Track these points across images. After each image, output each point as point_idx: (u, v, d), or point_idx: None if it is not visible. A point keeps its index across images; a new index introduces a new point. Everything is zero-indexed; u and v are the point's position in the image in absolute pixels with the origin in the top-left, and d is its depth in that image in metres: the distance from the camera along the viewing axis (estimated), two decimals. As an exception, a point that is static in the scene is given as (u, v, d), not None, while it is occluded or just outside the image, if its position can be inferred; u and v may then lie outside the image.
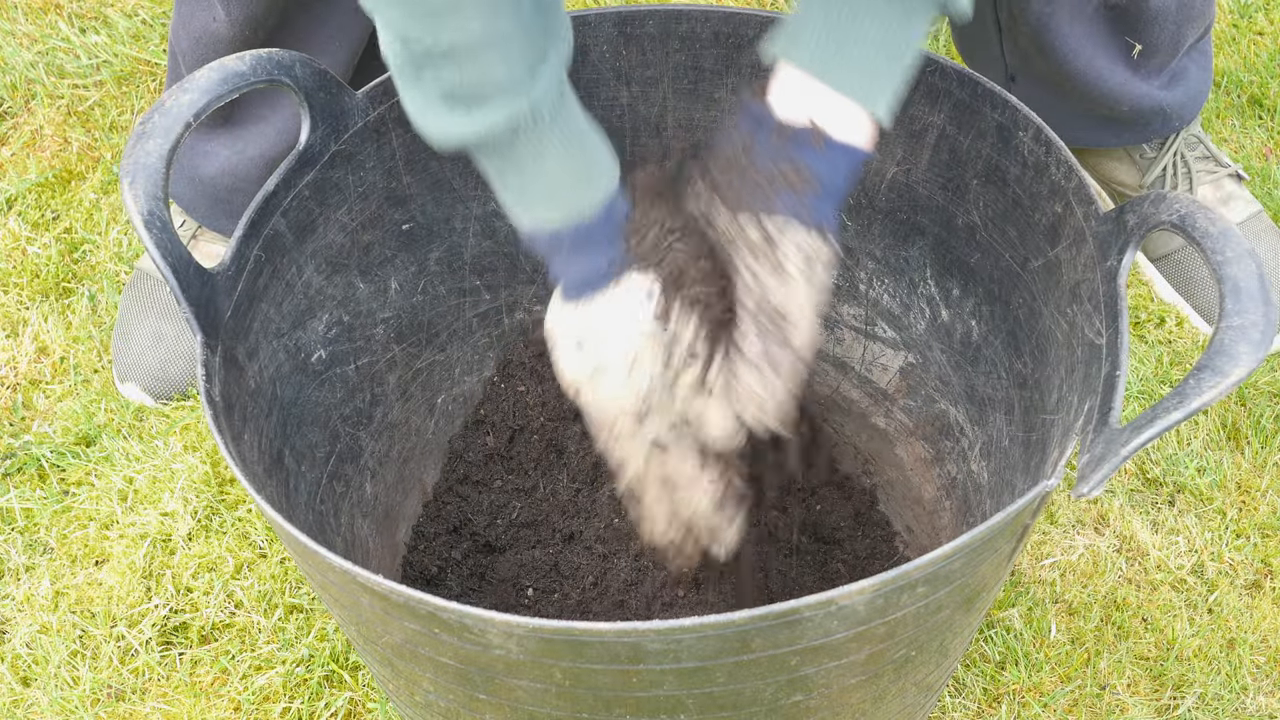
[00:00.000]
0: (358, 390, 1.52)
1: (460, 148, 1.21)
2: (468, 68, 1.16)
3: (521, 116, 1.18)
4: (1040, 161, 1.35)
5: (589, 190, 1.26)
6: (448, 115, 1.19)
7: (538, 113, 1.19)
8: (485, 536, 1.66)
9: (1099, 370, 1.17)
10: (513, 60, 1.17)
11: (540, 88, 1.18)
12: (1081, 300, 1.26)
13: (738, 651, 1.03)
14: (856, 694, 1.18)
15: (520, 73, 1.17)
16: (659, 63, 1.55)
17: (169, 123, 1.23)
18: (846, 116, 1.23)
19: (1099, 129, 1.97)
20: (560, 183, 1.24)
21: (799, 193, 1.24)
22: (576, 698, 1.10)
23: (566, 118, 1.23)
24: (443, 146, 1.21)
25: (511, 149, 1.21)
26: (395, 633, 1.11)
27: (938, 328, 1.54)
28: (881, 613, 1.05)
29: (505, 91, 1.17)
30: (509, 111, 1.18)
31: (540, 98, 1.19)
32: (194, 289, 1.23)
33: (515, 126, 1.19)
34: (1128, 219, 1.20)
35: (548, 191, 1.24)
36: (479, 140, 1.20)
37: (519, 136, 1.20)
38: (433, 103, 1.19)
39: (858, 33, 1.22)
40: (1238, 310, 1.07)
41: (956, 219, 1.47)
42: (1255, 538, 1.76)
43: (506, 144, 1.21)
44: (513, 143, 1.21)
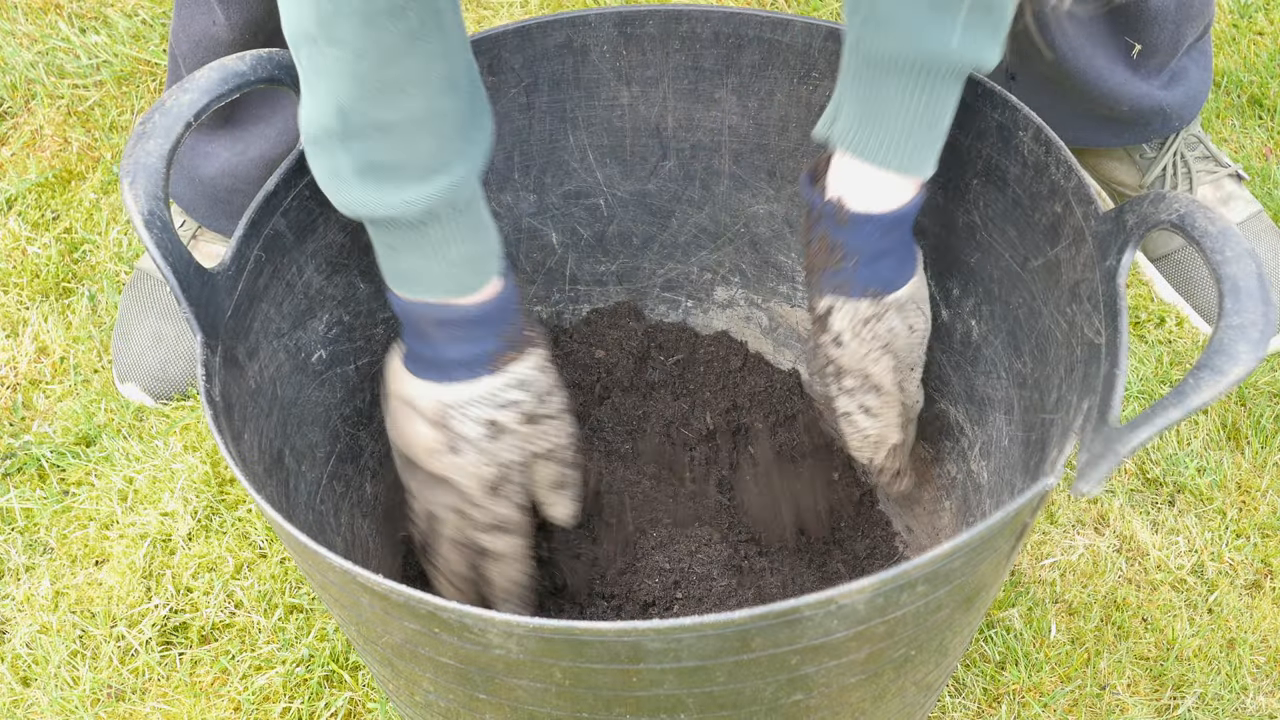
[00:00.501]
0: (358, 390, 1.52)
1: (365, 220, 1.25)
2: (401, 144, 1.19)
3: (440, 199, 1.22)
4: (1040, 161, 1.35)
5: (484, 277, 1.31)
6: (361, 189, 1.22)
7: (456, 198, 1.23)
8: None
9: (1098, 369, 1.17)
10: (444, 141, 1.21)
11: (463, 173, 1.23)
12: (1081, 300, 1.26)
13: (738, 650, 1.03)
14: (856, 693, 1.18)
15: (446, 154, 1.21)
16: (659, 63, 1.55)
17: (169, 122, 1.23)
18: (876, 187, 1.32)
19: (1099, 129, 1.97)
20: (458, 267, 1.28)
21: (833, 266, 1.36)
22: (577, 697, 1.10)
23: (477, 205, 1.27)
24: (349, 215, 1.24)
25: (421, 229, 1.24)
26: (395, 632, 1.11)
27: (938, 328, 1.54)
28: (881, 611, 1.05)
29: (430, 171, 1.21)
30: (429, 192, 1.21)
31: (461, 183, 1.23)
32: (194, 289, 1.23)
33: (431, 208, 1.22)
34: (1127, 218, 1.20)
35: (443, 274, 1.28)
36: (390, 216, 1.23)
37: (432, 218, 1.23)
38: (348, 175, 1.21)
39: (891, 109, 1.28)
40: (1237, 309, 1.07)
41: (956, 219, 1.47)
42: (1255, 538, 1.76)
43: (417, 223, 1.24)
44: (424, 223, 1.24)
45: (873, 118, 1.30)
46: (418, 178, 1.21)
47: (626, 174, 1.62)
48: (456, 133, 1.22)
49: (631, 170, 1.61)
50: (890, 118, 1.29)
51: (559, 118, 1.58)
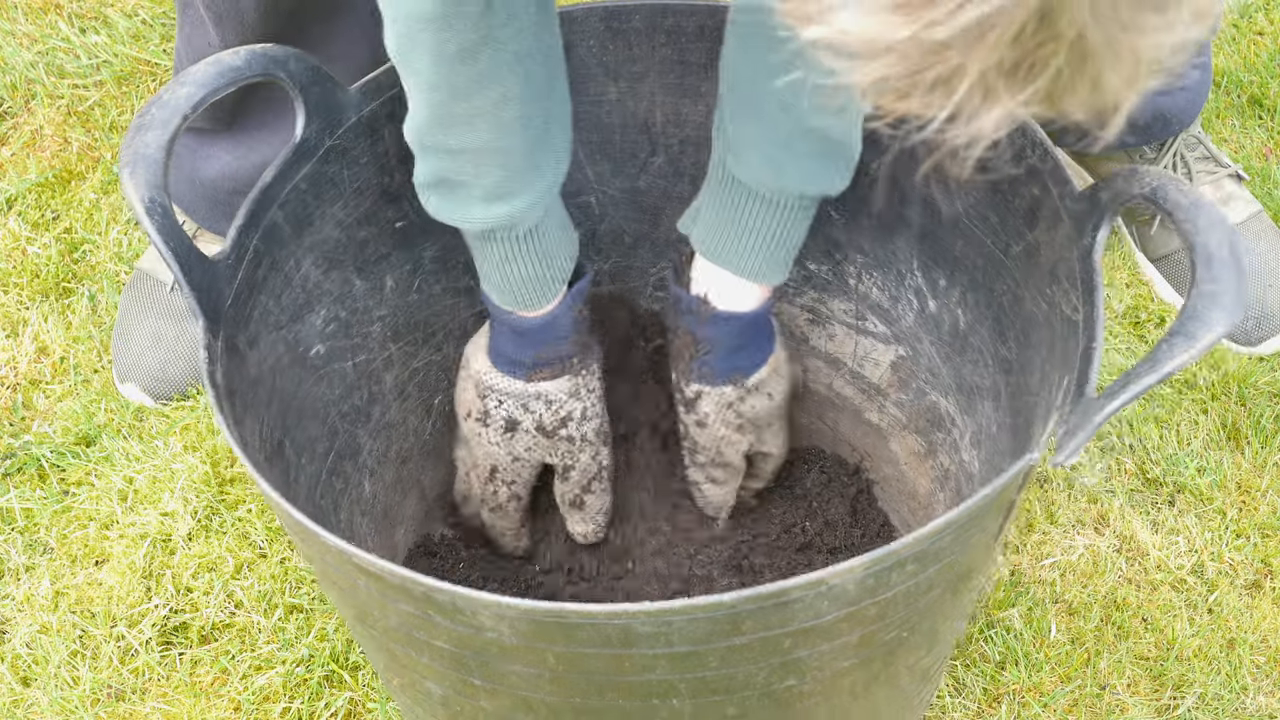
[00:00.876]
0: (355, 388, 1.53)
1: (450, 225, 1.35)
2: (466, 169, 1.28)
3: (501, 223, 1.32)
4: (1016, 146, 1.35)
5: (538, 299, 1.41)
6: (436, 197, 1.32)
7: (517, 225, 1.33)
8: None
9: (1076, 345, 1.18)
10: (507, 172, 1.29)
11: (527, 201, 1.31)
12: (1059, 279, 1.26)
13: (729, 634, 1.03)
14: (849, 677, 1.18)
15: (511, 184, 1.30)
16: (646, 57, 1.55)
17: (167, 115, 1.24)
18: (733, 290, 1.44)
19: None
20: (516, 285, 1.39)
21: (699, 356, 1.49)
22: (570, 682, 1.10)
23: (543, 233, 1.36)
24: (438, 218, 1.35)
25: (485, 243, 1.35)
26: (392, 616, 1.11)
27: (926, 319, 1.54)
28: (872, 592, 1.05)
29: (493, 196, 1.30)
30: (491, 215, 1.31)
31: (524, 211, 1.32)
32: (196, 275, 1.24)
33: (493, 230, 1.33)
34: (1101, 195, 1.20)
35: (503, 286, 1.40)
36: (459, 227, 1.34)
37: (494, 237, 1.34)
38: (429, 180, 1.31)
39: (745, 228, 1.39)
40: (1210, 278, 1.07)
41: (941, 209, 1.47)
42: (1255, 538, 1.76)
43: (482, 238, 1.35)
44: (488, 239, 1.34)
45: (728, 231, 1.40)
46: (481, 201, 1.30)
47: (617, 171, 1.63)
48: (524, 166, 1.29)
49: (621, 167, 1.61)
50: (744, 234, 1.39)
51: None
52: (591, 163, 1.61)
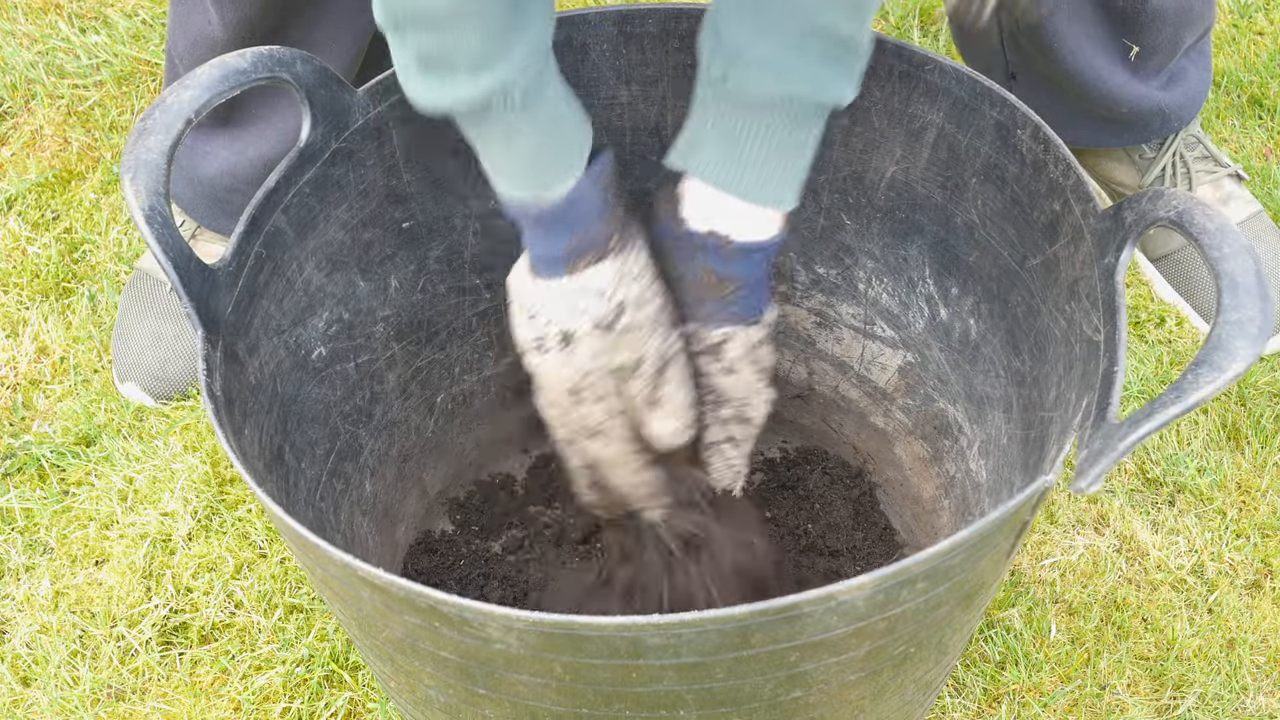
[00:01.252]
0: (357, 388, 1.52)
1: (438, 113, 1.23)
2: (441, 36, 1.17)
3: (492, 94, 1.20)
4: (1039, 159, 1.35)
5: (554, 175, 1.28)
6: (423, 81, 1.21)
7: (509, 92, 1.21)
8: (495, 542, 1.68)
9: (1097, 366, 1.17)
10: (486, 34, 1.17)
11: (514, 66, 1.20)
12: (1079, 297, 1.26)
13: (737, 647, 1.03)
14: (856, 690, 1.18)
15: (493, 48, 1.18)
16: (659, 61, 1.54)
17: (170, 119, 1.23)
18: (753, 220, 1.31)
19: (1098, 129, 1.97)
20: (526, 163, 1.27)
21: (726, 298, 1.35)
22: (577, 693, 1.10)
23: (540, 101, 1.25)
24: (423, 110, 1.23)
25: (482, 123, 1.23)
26: (396, 627, 1.11)
27: (936, 326, 1.54)
28: (881, 608, 1.05)
29: (477, 66, 1.18)
30: (479, 87, 1.19)
31: (513, 77, 1.20)
32: (195, 284, 1.23)
33: (486, 103, 1.20)
34: (1125, 216, 1.20)
35: (514, 169, 1.27)
36: (451, 109, 1.22)
37: (490, 113, 1.22)
38: (411, 67, 1.20)
39: (754, 142, 1.28)
40: (1235, 305, 1.07)
41: (955, 217, 1.47)
42: (1255, 538, 1.76)
43: (478, 118, 1.22)
44: (484, 117, 1.22)
45: (737, 153, 1.30)
46: (467, 74, 1.19)
47: (626, 173, 1.62)
48: (503, 27, 1.19)
49: (630, 169, 1.61)
50: (754, 153, 1.29)
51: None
52: (601, 165, 1.61)
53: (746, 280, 1.35)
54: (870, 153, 1.50)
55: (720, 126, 1.29)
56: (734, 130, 1.28)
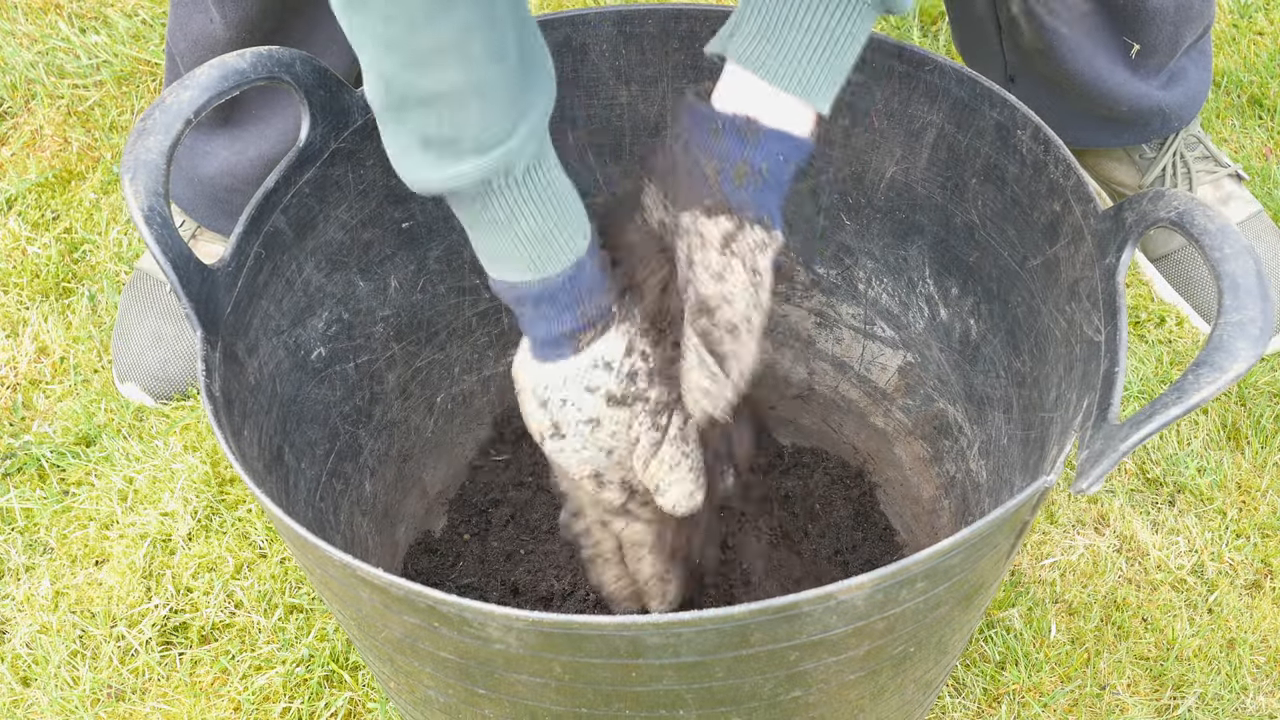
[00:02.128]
0: (357, 388, 1.52)
1: (435, 194, 1.20)
2: (446, 116, 1.14)
3: (496, 172, 1.17)
4: (1039, 160, 1.35)
5: (556, 255, 1.25)
6: (424, 161, 1.18)
7: (511, 170, 1.18)
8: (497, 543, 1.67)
9: (1098, 367, 1.17)
10: (492, 113, 1.16)
11: (517, 144, 1.17)
12: (1080, 298, 1.26)
13: (737, 646, 1.03)
14: (855, 690, 1.18)
15: (499, 127, 1.16)
16: (658, 62, 1.54)
17: (169, 119, 1.23)
18: (783, 109, 1.23)
19: (1098, 129, 1.97)
20: (528, 243, 1.23)
21: (740, 185, 1.24)
22: (576, 692, 1.10)
23: (541, 176, 1.22)
24: (419, 191, 1.20)
25: (484, 204, 1.20)
26: (395, 627, 1.11)
27: (936, 327, 1.54)
28: (881, 608, 1.05)
29: (482, 145, 1.16)
30: (484, 166, 1.17)
31: (516, 154, 1.18)
32: (194, 285, 1.23)
33: (488, 181, 1.18)
34: (1126, 216, 1.20)
35: (515, 250, 1.23)
36: (452, 190, 1.19)
37: (492, 192, 1.19)
38: (412, 147, 1.17)
39: (794, 26, 1.21)
40: (1236, 306, 1.07)
41: (955, 218, 1.47)
42: (1255, 538, 1.76)
43: (480, 198, 1.19)
44: (485, 197, 1.19)
45: (777, 33, 1.22)
46: (472, 152, 1.16)
47: (626, 173, 1.62)
48: (507, 102, 1.17)
49: (631, 170, 1.61)
50: (796, 34, 1.21)
51: (558, 116, 1.57)
52: (600, 165, 1.61)
53: (764, 173, 1.25)
54: (870, 153, 1.50)
55: (762, 9, 1.22)
56: (775, 13, 1.21)
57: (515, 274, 1.25)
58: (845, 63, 1.23)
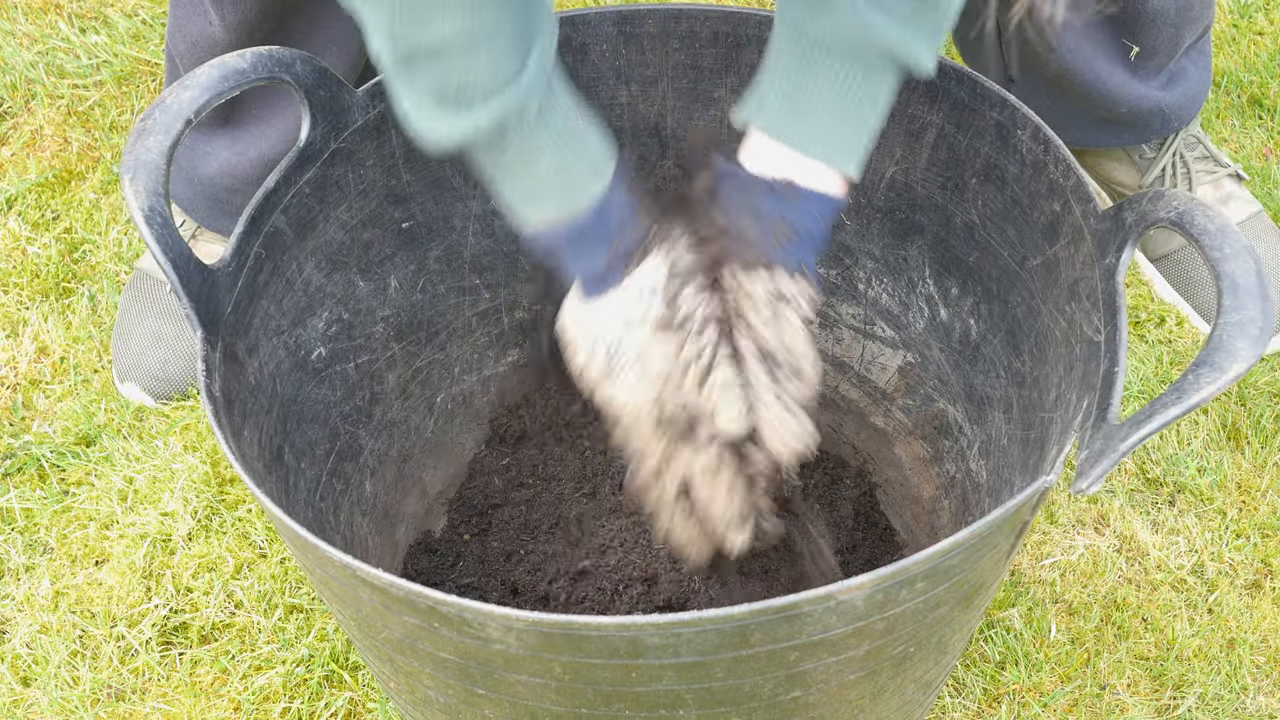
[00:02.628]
0: (357, 388, 1.52)
1: (453, 148, 1.20)
2: (454, 65, 1.14)
3: (509, 115, 1.17)
4: (1039, 160, 1.35)
5: (582, 188, 1.25)
6: (439, 115, 1.17)
7: (525, 111, 1.18)
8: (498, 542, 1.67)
9: (1097, 367, 1.17)
10: (498, 57, 1.15)
11: (526, 85, 1.17)
12: (1080, 298, 1.26)
13: (737, 646, 1.03)
14: (855, 690, 1.18)
15: (506, 70, 1.16)
16: (658, 62, 1.55)
17: (169, 119, 1.23)
18: (813, 172, 1.26)
19: (1098, 129, 1.97)
20: (552, 180, 1.23)
21: (779, 243, 1.28)
22: (576, 692, 1.10)
23: (556, 114, 1.22)
24: (436, 147, 1.19)
25: (502, 149, 1.20)
26: (395, 628, 1.11)
27: (936, 326, 1.54)
28: (881, 608, 1.05)
29: (492, 90, 1.16)
30: (496, 110, 1.16)
31: (527, 95, 1.17)
32: (194, 285, 1.23)
33: (504, 126, 1.17)
34: (1126, 216, 1.20)
35: (541, 189, 1.23)
36: (469, 140, 1.18)
37: (508, 136, 1.19)
38: (425, 102, 1.17)
39: (817, 96, 1.24)
40: (1236, 306, 1.07)
41: (955, 218, 1.47)
42: (1255, 538, 1.76)
43: (497, 144, 1.19)
44: (502, 142, 1.19)
45: (805, 101, 1.25)
46: (482, 98, 1.16)
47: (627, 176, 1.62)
48: (512, 45, 1.16)
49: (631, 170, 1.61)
50: (823, 102, 1.25)
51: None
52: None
53: (802, 231, 1.28)
54: (870, 153, 1.50)
55: (790, 73, 1.25)
56: (805, 77, 1.24)
57: (545, 214, 1.25)
58: (869, 127, 1.26)
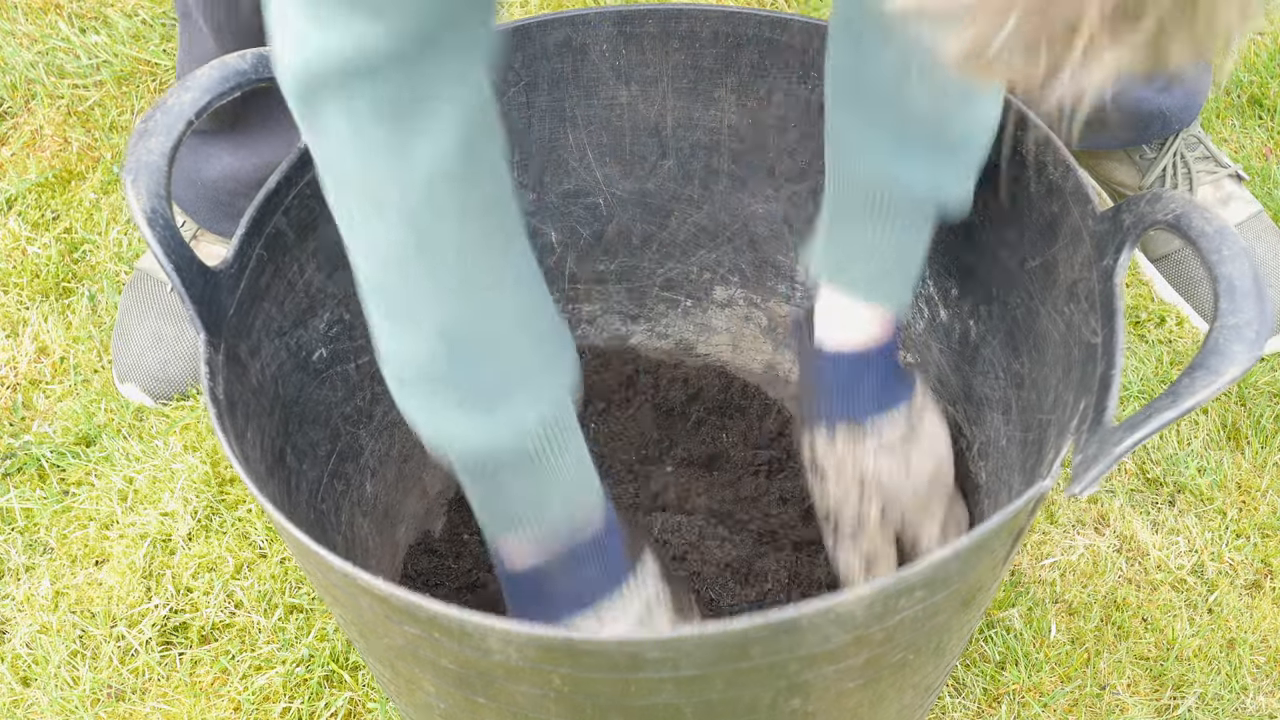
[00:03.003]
0: (358, 388, 1.52)
1: (475, 458, 1.18)
2: (506, 357, 1.15)
3: (547, 413, 1.17)
4: (1038, 161, 1.35)
5: (599, 500, 1.26)
6: (465, 420, 1.16)
7: (562, 407, 1.19)
8: None
9: (1095, 369, 1.17)
10: (543, 348, 1.17)
11: (563, 384, 1.19)
12: (1078, 299, 1.26)
13: (736, 659, 1.03)
14: (854, 698, 1.18)
15: (548, 367, 1.18)
16: (658, 62, 1.54)
17: (171, 120, 1.23)
18: (856, 319, 1.35)
19: (1098, 131, 1.97)
20: (574, 490, 1.23)
21: (858, 400, 1.37)
22: (575, 704, 1.10)
23: (576, 428, 1.22)
24: (450, 454, 1.19)
25: (529, 452, 1.18)
26: (396, 636, 1.11)
27: (936, 327, 1.54)
28: (880, 618, 1.05)
29: (533, 385, 1.16)
30: (537, 407, 1.16)
31: (563, 395, 1.19)
32: (197, 287, 1.23)
33: (543, 423, 1.17)
34: (1124, 218, 1.20)
35: (561, 499, 1.23)
36: (496, 445, 1.17)
37: (544, 435, 1.18)
38: (449, 408, 1.16)
39: (862, 235, 1.32)
40: (1232, 309, 1.07)
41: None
42: (1255, 538, 1.76)
43: (527, 449, 1.18)
44: (534, 446, 1.18)
45: (845, 244, 1.34)
46: (518, 393, 1.16)
47: (626, 173, 1.62)
48: (552, 341, 1.19)
49: (630, 169, 1.61)
50: (859, 248, 1.32)
51: (558, 117, 1.58)
52: (600, 164, 1.61)
53: (873, 377, 1.37)
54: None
55: (834, 219, 1.33)
56: (845, 222, 1.32)
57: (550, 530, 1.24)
58: (912, 265, 1.35)
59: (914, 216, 1.31)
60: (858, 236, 1.32)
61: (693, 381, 1.77)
